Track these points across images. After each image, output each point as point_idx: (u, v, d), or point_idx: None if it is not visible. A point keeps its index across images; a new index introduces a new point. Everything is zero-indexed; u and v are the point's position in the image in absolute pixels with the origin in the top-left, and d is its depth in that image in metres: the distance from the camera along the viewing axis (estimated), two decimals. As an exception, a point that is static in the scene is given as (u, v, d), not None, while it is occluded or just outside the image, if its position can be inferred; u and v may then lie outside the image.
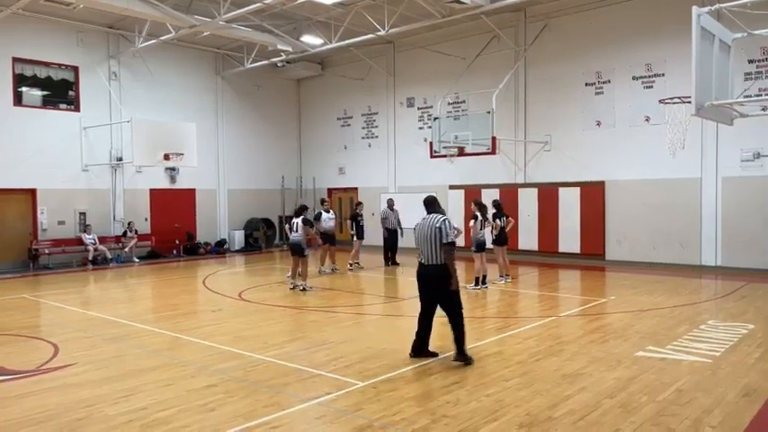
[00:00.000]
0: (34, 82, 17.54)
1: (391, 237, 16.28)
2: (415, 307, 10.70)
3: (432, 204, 7.14)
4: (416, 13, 16.02)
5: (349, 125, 22.75)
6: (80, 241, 17.87)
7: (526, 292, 12.23)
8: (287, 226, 13.22)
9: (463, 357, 6.76)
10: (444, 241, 6.74)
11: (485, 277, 12.12)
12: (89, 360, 7.29)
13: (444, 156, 16.76)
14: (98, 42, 18.65)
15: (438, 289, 6.77)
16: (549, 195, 17.17)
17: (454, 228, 11.63)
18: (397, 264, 16.25)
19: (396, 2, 15.79)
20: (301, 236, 12.25)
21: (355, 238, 15.81)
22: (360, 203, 16.84)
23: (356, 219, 15.88)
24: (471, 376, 6.37)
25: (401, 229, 16.06)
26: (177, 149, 17.58)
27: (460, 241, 12.81)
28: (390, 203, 16.47)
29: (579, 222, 16.65)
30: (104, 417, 5.40)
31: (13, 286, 13.96)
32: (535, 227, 17.40)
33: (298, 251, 12.27)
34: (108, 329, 9.00)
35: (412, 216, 17.42)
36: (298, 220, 12.34)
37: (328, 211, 15.60)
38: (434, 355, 7.01)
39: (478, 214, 11.95)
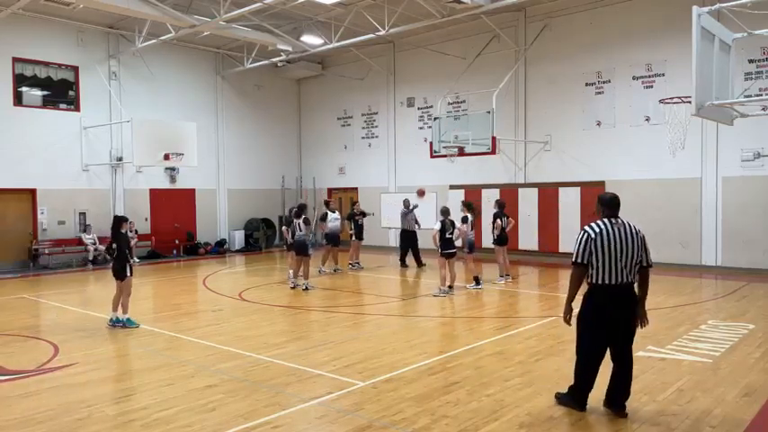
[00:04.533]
0: (34, 82, 17.51)
1: (408, 237, 15.58)
2: (415, 307, 10.80)
3: (618, 206, 5.59)
4: (416, 12, 16.02)
5: (349, 125, 22.74)
6: (80, 241, 17.87)
7: (526, 291, 12.23)
8: (284, 228, 13.10)
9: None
10: (651, 258, 5.29)
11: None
12: (89, 360, 7.28)
13: (444, 156, 16.71)
14: (98, 42, 18.64)
15: (627, 318, 5.24)
16: (549, 195, 17.16)
17: (457, 229, 11.79)
18: (423, 264, 15.36)
19: (396, 2, 15.79)
20: (306, 235, 12.26)
21: (354, 238, 15.76)
22: (356, 203, 16.77)
23: (354, 218, 15.82)
24: (472, 376, 6.38)
25: (418, 224, 15.44)
26: (177, 149, 17.55)
27: (460, 242, 12.86)
28: (406, 203, 15.73)
29: (579, 222, 16.61)
30: (105, 417, 5.41)
31: (13, 286, 13.95)
32: (535, 227, 17.39)
33: (303, 251, 12.26)
34: (108, 329, 8.99)
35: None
36: (299, 221, 12.32)
37: (334, 211, 15.47)
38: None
39: (468, 215, 12.07)
